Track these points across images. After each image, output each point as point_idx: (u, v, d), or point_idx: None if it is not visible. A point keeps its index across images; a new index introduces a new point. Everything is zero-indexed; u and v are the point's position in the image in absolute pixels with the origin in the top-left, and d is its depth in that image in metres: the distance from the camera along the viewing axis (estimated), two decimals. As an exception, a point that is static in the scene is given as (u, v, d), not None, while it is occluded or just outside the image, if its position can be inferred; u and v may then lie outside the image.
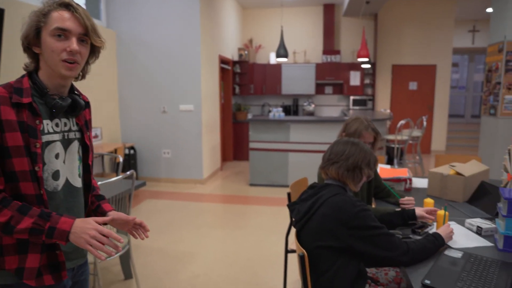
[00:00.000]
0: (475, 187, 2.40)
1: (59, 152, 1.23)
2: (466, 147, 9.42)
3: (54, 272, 1.20)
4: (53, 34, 1.14)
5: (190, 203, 5.06)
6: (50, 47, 1.14)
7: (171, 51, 5.80)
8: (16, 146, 1.11)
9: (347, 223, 1.51)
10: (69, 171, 1.27)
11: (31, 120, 1.14)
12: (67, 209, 1.26)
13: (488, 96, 5.16)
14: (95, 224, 1.13)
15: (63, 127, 1.25)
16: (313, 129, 5.68)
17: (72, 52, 1.15)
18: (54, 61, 1.15)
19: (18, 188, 1.14)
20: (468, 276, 1.37)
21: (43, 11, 1.15)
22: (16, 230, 1.09)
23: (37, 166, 1.14)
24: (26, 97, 1.15)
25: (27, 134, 1.13)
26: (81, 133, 1.33)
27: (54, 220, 1.12)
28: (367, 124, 2.17)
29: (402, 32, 8.56)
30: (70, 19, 1.16)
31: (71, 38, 1.16)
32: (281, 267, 3.20)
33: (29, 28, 1.15)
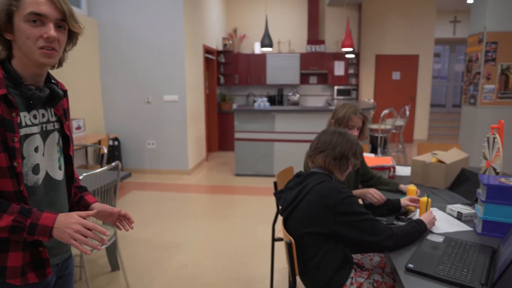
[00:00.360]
0: (456, 174, 2.47)
1: (39, 145, 1.16)
2: (448, 135, 9.63)
3: (38, 269, 1.16)
4: (27, 19, 1.05)
5: (176, 194, 5.05)
6: (25, 34, 1.05)
7: (154, 41, 5.71)
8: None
9: (333, 209, 1.54)
10: (49, 164, 1.21)
11: (7, 113, 1.07)
12: (49, 203, 1.20)
13: (469, 86, 5.27)
14: (79, 218, 1.09)
15: (41, 118, 1.18)
16: (298, 119, 5.71)
17: (49, 39, 1.07)
18: (30, 48, 1.07)
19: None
20: (449, 259, 1.42)
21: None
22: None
23: (16, 162, 1.08)
24: (1, 89, 1.06)
25: (3, 129, 1.06)
26: (60, 123, 1.26)
27: (36, 216, 1.07)
28: (355, 109, 2.23)
29: (386, 22, 8.63)
30: (46, 3, 1.06)
31: (47, 24, 1.07)
32: (268, 255, 3.24)
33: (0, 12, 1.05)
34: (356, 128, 2.25)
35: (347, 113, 2.22)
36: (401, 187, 2.32)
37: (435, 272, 1.33)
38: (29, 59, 1.09)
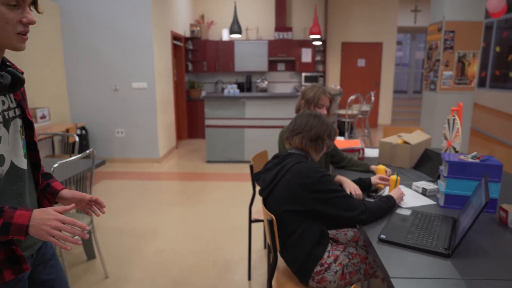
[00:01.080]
0: (420, 154, 2.64)
1: (2, 135, 1.08)
2: (409, 120, 10.07)
3: (14, 265, 1.10)
4: (6, 2, 0.98)
5: (148, 182, 5.03)
6: (4, 18, 0.99)
7: (121, 26, 5.58)
8: None
9: (311, 188, 1.64)
10: (13, 153, 1.13)
11: None
12: (18, 194, 1.14)
13: (429, 72, 5.54)
14: (56, 214, 1.03)
15: (1, 106, 1.09)
16: (268, 105, 5.80)
17: (28, 24, 1.02)
18: (8, 33, 1.00)
19: None
20: (416, 229, 1.56)
21: None
22: None
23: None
24: None
25: None
26: (20, 108, 1.18)
27: (8, 214, 1.00)
28: (323, 89, 2.37)
29: (351, 11, 8.83)
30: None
31: (25, 8, 1.01)
32: (243, 237, 3.33)
33: None
34: (325, 107, 2.38)
35: (317, 93, 2.36)
36: (372, 168, 2.46)
37: (405, 241, 1.46)
38: (1, 44, 1.03)
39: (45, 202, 1.31)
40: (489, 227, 1.62)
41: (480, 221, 1.68)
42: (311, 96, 2.37)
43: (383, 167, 2.19)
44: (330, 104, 2.43)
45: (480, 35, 5.12)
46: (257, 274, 2.75)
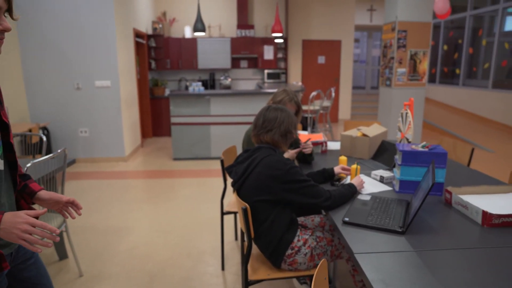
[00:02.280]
0: (377, 145, 2.87)
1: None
2: (368, 115, 10.54)
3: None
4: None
5: (115, 181, 5.01)
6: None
7: (82, 22, 5.48)
8: None
9: (280, 179, 1.79)
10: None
11: None
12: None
13: (385, 69, 5.88)
14: (27, 217, 1.05)
15: None
16: (232, 102, 5.92)
17: (3, 31, 1.07)
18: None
19: None
20: (376, 212, 1.75)
21: None
22: None
23: None
24: None
25: None
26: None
27: None
28: (291, 96, 2.50)
29: (311, 9, 9.10)
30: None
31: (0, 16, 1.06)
32: (214, 230, 3.45)
33: None
34: None
35: (284, 99, 2.50)
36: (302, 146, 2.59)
37: (366, 222, 1.64)
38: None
39: (23, 202, 1.33)
40: (437, 207, 1.85)
41: (429, 202, 1.91)
42: (278, 101, 2.51)
43: (345, 157, 2.39)
44: (296, 113, 2.57)
45: (429, 34, 5.51)
46: (230, 264, 2.88)
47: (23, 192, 1.32)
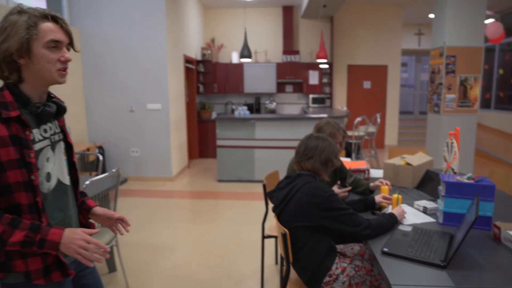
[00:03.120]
0: (422, 175, 2.81)
1: (50, 156, 1.29)
2: (416, 141, 10.22)
3: (62, 269, 1.28)
4: (47, 46, 1.19)
5: (161, 200, 5.23)
6: (46, 59, 1.19)
7: (137, 50, 5.89)
8: (9, 160, 1.15)
9: (319, 205, 1.82)
10: (59, 171, 1.33)
11: (22, 132, 1.18)
12: (63, 207, 1.33)
13: (433, 95, 5.74)
14: (83, 234, 1.20)
15: (49, 131, 1.31)
16: (277, 126, 6.02)
17: (66, 61, 1.24)
18: (50, 71, 1.21)
19: (13, 199, 1.18)
20: (416, 243, 1.73)
21: (30, 22, 1.16)
22: (9, 243, 1.14)
23: (33, 175, 1.19)
24: (13, 111, 1.17)
25: (20, 147, 1.17)
26: (63, 133, 1.39)
27: (44, 232, 1.17)
28: (338, 127, 2.57)
29: (356, 34, 9.13)
30: (60, 31, 1.22)
31: (62, 48, 1.23)
32: (255, 253, 3.50)
33: (19, 40, 1.15)
34: (338, 144, 2.58)
35: (332, 131, 2.56)
36: (371, 186, 2.61)
37: (406, 253, 1.63)
38: (46, 80, 1.23)
39: (80, 217, 1.49)
40: (484, 242, 1.78)
41: (476, 237, 1.85)
42: (327, 134, 2.56)
43: (386, 187, 2.37)
44: (342, 140, 2.64)
45: (481, 60, 5.33)
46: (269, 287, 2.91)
47: (81, 208, 1.49)
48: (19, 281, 1.23)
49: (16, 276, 1.23)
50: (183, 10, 6.94)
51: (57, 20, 1.22)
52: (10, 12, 1.18)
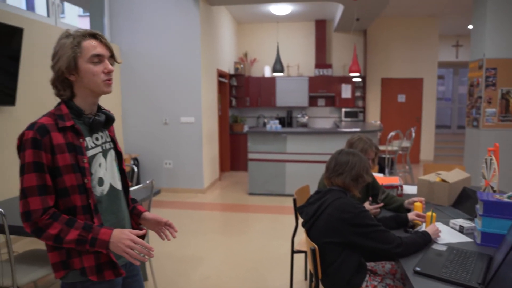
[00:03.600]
0: (458, 192, 2.71)
1: (101, 162, 1.42)
2: (453, 156, 9.83)
3: (115, 268, 1.38)
4: (91, 61, 1.33)
5: (193, 211, 5.31)
6: (91, 72, 1.33)
7: (172, 65, 6.09)
8: (65, 165, 1.29)
9: (350, 222, 1.80)
10: (111, 176, 1.46)
11: (76, 140, 1.33)
12: (116, 211, 1.45)
13: (471, 109, 5.54)
14: (130, 235, 1.30)
15: (100, 140, 1.45)
16: (309, 140, 5.99)
17: (109, 73, 1.38)
18: (96, 83, 1.35)
19: (69, 201, 1.32)
20: (451, 264, 1.66)
21: (74, 42, 1.31)
22: (65, 241, 1.27)
23: (86, 179, 1.33)
24: (68, 121, 1.33)
25: (75, 153, 1.32)
26: (113, 142, 1.53)
27: (95, 231, 1.29)
28: (370, 143, 2.54)
29: (390, 47, 9.00)
30: (100, 46, 1.36)
31: (104, 61, 1.37)
32: (284, 268, 3.47)
33: (67, 59, 1.30)
34: (371, 160, 2.55)
35: (364, 147, 2.53)
36: (405, 204, 2.54)
37: (440, 274, 1.57)
38: (94, 91, 1.37)
39: (132, 222, 1.59)
40: (525, 265, 1.69)
41: (516, 259, 1.75)
42: (359, 150, 2.54)
43: (420, 204, 2.30)
44: (375, 156, 2.61)
45: (524, 72, 5.11)
46: (298, 304, 2.87)
47: (132, 213, 1.60)
48: (77, 280, 1.34)
49: (74, 274, 1.34)
50: (217, 26, 7.12)
51: (96, 36, 1.36)
52: (60, 37, 1.35)
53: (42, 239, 1.28)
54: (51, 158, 1.28)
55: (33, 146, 1.25)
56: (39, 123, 1.28)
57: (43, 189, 1.27)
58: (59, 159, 1.28)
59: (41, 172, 1.26)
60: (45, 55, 4.47)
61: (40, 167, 1.26)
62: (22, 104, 4.12)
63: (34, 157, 1.25)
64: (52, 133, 1.28)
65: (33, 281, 2.28)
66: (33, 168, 1.25)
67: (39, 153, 1.26)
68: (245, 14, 8.43)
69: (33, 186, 1.26)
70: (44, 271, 2.34)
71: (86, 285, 1.35)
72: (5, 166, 3.94)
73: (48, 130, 1.28)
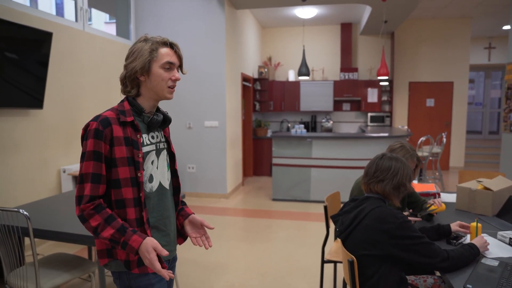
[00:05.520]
0: (503, 201, 2.51)
1: (154, 160, 1.49)
2: (485, 163, 9.43)
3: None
4: (163, 66, 1.43)
5: (216, 216, 5.23)
6: (161, 77, 1.43)
7: (197, 69, 6.06)
8: (121, 158, 1.38)
9: (391, 233, 1.66)
10: (161, 175, 1.52)
11: (134, 135, 1.42)
12: (162, 208, 1.50)
13: (508, 113, 5.26)
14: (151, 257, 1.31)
15: (156, 139, 1.53)
16: (335, 145, 5.83)
17: (175, 80, 1.47)
18: (162, 87, 1.45)
19: (120, 193, 1.39)
20: (507, 282, 1.50)
21: (152, 47, 1.42)
22: (100, 236, 1.34)
23: (139, 173, 1.40)
24: (129, 117, 1.42)
25: (132, 147, 1.40)
26: (167, 143, 1.60)
27: (128, 236, 1.33)
28: (412, 153, 2.34)
29: (419, 50, 8.72)
30: (174, 55, 1.47)
31: (174, 69, 1.47)
32: (312, 278, 3.32)
33: (143, 61, 1.41)
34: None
35: (405, 156, 2.32)
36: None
37: (494, 293, 1.41)
38: (158, 95, 1.47)
39: (177, 221, 1.64)
40: None
41: None
42: None
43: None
44: (416, 168, 2.42)
45: None
46: (327, 317, 2.72)
47: (179, 214, 1.65)
48: (121, 269, 1.42)
49: (118, 264, 1.42)
50: (241, 30, 7.07)
51: (172, 46, 1.47)
52: (138, 40, 1.46)
53: (85, 227, 1.35)
54: (109, 149, 1.37)
55: (95, 136, 1.34)
56: (103, 116, 1.38)
57: (97, 178, 1.34)
58: (116, 151, 1.37)
59: (98, 161, 1.35)
60: (72, 60, 4.51)
61: (99, 156, 1.35)
62: (49, 108, 4.15)
63: (94, 147, 1.34)
64: (114, 126, 1.38)
65: (57, 286, 2.23)
66: (92, 156, 1.34)
67: (100, 143, 1.35)
68: (270, 18, 8.35)
69: (89, 173, 1.34)
70: (68, 275, 2.29)
71: (130, 277, 1.42)
72: (31, 169, 3.97)
73: (110, 122, 1.37)
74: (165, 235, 1.52)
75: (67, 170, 4.31)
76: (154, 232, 1.47)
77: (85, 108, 4.77)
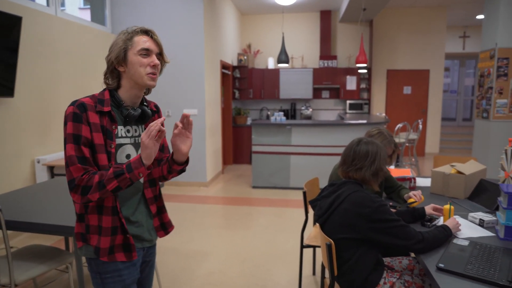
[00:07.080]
0: (475, 184, 2.60)
1: (130, 153, 1.50)
2: (459, 149, 9.71)
3: (127, 251, 1.47)
4: (139, 53, 1.41)
5: (196, 205, 5.21)
6: (139, 63, 1.41)
7: (175, 57, 5.95)
8: (99, 144, 1.39)
9: (368, 217, 1.69)
10: None
11: (109, 125, 1.43)
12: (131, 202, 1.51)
13: (481, 100, 5.41)
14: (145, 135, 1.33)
15: (133, 133, 1.52)
16: (314, 132, 5.87)
17: (154, 66, 1.44)
18: (140, 74, 1.42)
19: None
20: (476, 260, 1.56)
21: (128, 36, 1.43)
22: (106, 181, 1.33)
23: (111, 163, 1.41)
24: (107, 107, 1.43)
25: (106, 136, 1.41)
26: None
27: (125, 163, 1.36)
28: (390, 139, 2.41)
29: (397, 38, 8.83)
30: (150, 41, 1.45)
31: (152, 56, 1.44)
32: (291, 263, 3.37)
33: (118, 50, 1.41)
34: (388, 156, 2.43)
35: (383, 143, 2.38)
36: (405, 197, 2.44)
37: (465, 271, 1.47)
38: (138, 83, 1.44)
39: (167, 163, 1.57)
40: (554, 261, 1.58)
41: (544, 255, 1.64)
42: None
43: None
44: (392, 154, 2.47)
45: (536, 62, 4.96)
46: (306, 300, 2.77)
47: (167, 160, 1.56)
48: (92, 256, 1.45)
49: (88, 249, 1.44)
50: (220, 17, 6.98)
51: (148, 33, 1.46)
52: (118, 34, 1.46)
53: (90, 195, 1.33)
54: (90, 133, 1.37)
55: (74, 119, 1.35)
56: (80, 101, 1.39)
57: (83, 160, 1.35)
58: (95, 137, 1.38)
59: (78, 144, 1.35)
60: (45, 46, 4.35)
61: (78, 139, 1.35)
62: (21, 96, 4.01)
63: (73, 130, 1.35)
64: (89, 112, 1.38)
65: (32, 278, 2.18)
66: (72, 139, 1.35)
67: (79, 126, 1.35)
68: (249, 5, 8.27)
69: (73, 155, 1.35)
70: (44, 267, 2.25)
71: (98, 262, 1.46)
72: (3, 160, 3.84)
73: (86, 108, 1.38)
74: (138, 226, 1.54)
75: (41, 160, 4.19)
76: (126, 223, 1.48)
77: (61, 96, 4.63)
